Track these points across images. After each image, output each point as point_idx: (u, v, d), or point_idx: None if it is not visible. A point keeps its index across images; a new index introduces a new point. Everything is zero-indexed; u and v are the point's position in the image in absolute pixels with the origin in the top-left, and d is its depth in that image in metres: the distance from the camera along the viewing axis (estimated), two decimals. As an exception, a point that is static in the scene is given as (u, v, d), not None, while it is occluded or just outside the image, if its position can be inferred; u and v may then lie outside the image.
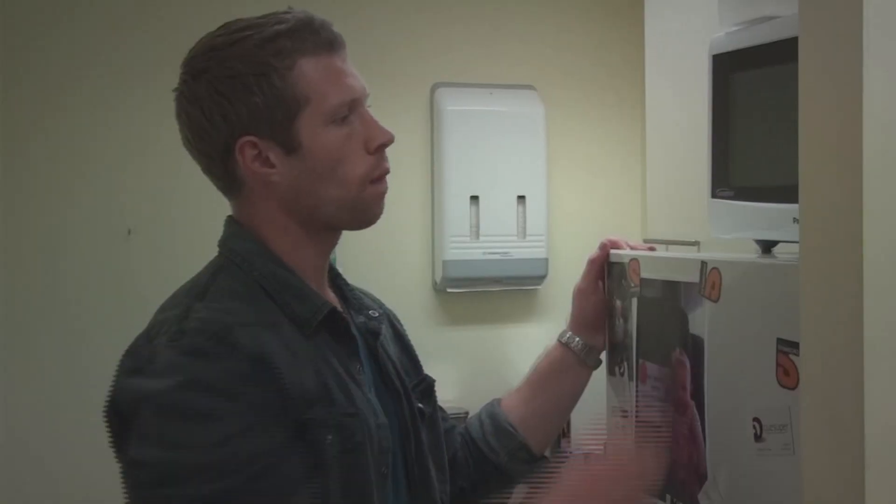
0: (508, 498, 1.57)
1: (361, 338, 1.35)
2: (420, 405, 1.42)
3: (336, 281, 1.42)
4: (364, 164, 1.27)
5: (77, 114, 2.60)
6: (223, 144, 1.25)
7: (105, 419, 1.25)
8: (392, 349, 1.43)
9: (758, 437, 1.32)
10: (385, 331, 1.43)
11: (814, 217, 0.99)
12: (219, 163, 1.27)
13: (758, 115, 1.53)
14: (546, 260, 2.93)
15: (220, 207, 1.35)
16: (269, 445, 1.13)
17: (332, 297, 1.36)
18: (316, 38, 1.24)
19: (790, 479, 1.24)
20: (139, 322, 1.25)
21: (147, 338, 1.22)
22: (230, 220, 1.34)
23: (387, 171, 1.30)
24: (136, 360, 1.21)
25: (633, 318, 1.66)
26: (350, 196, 1.27)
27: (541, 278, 2.95)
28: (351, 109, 1.26)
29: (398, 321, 1.54)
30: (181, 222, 2.62)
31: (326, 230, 1.32)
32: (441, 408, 1.55)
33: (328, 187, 1.26)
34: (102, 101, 2.61)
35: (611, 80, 3.05)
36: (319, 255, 1.33)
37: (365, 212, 1.30)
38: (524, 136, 2.90)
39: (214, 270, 1.29)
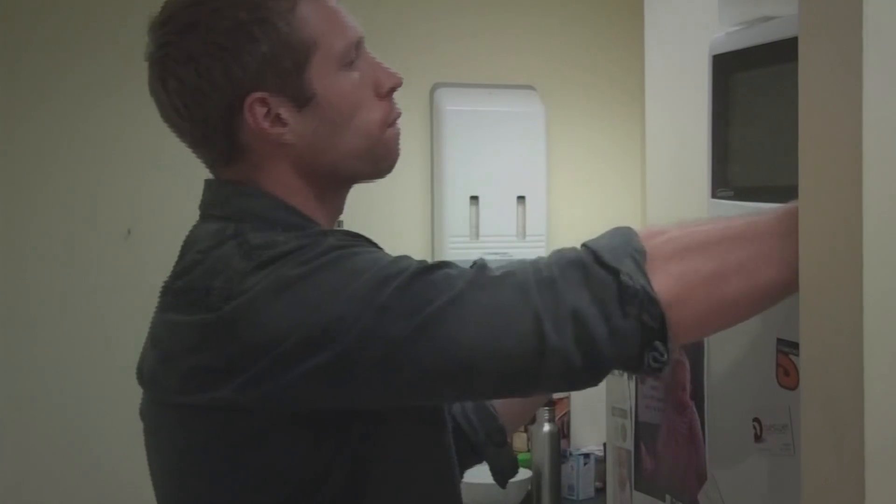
0: None
1: None
2: None
3: None
4: (379, 108, 1.18)
5: (76, 114, 2.60)
6: (225, 106, 1.13)
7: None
8: None
9: (758, 438, 1.32)
10: None
11: (813, 217, 0.99)
12: (218, 129, 1.15)
13: (758, 115, 1.53)
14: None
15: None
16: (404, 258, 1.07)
17: None
18: None
19: (790, 479, 1.24)
20: (139, 322, 1.24)
21: (205, 285, 1.09)
22: (220, 182, 1.22)
23: (398, 115, 1.21)
24: (216, 295, 1.07)
25: (632, 318, 1.65)
26: (370, 143, 1.18)
27: (541, 278, 2.95)
28: (357, 52, 1.17)
29: None
30: (181, 223, 2.61)
31: (342, 187, 1.23)
32: None
33: (348, 138, 1.16)
34: (102, 101, 2.61)
35: (610, 81, 3.05)
36: (332, 217, 1.24)
37: (386, 158, 1.21)
38: (524, 136, 2.91)
39: (233, 228, 1.14)
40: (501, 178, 2.85)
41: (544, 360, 1.00)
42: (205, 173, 1.52)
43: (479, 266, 1.05)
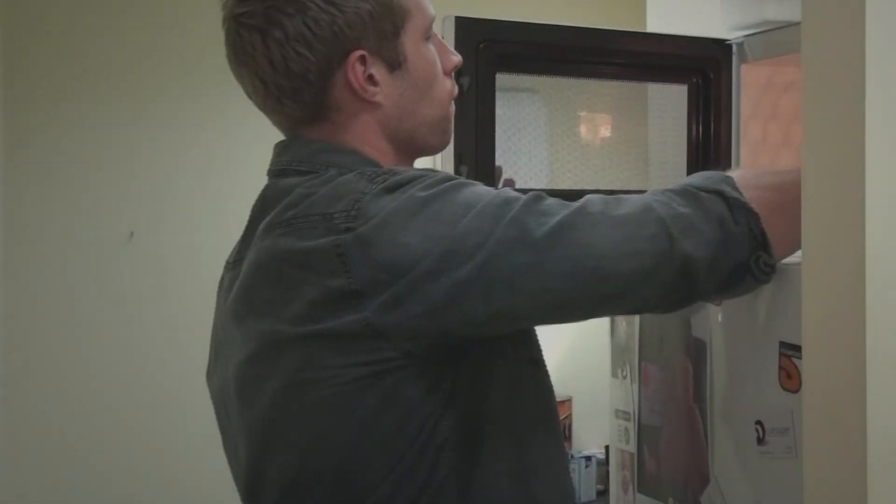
0: None
1: None
2: None
3: None
4: (447, 83, 1.25)
5: (80, 117, 2.60)
6: (326, 60, 1.15)
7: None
8: None
9: (760, 441, 1.32)
10: None
11: (816, 219, 0.99)
12: (313, 84, 1.16)
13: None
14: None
15: (221, 209, 1.35)
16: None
17: None
18: None
19: (792, 482, 1.24)
20: (140, 322, 1.25)
21: (326, 211, 1.10)
22: (303, 140, 1.21)
23: (458, 92, 1.29)
24: (341, 218, 1.08)
25: (635, 320, 1.66)
26: (443, 114, 1.25)
27: (542, 281, 2.95)
28: (432, 29, 1.24)
29: None
30: (183, 225, 2.63)
31: (413, 157, 1.28)
32: None
33: (427, 106, 1.23)
34: (105, 104, 2.61)
35: (612, 83, 3.05)
36: None
37: (448, 132, 1.28)
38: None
39: (328, 177, 1.15)
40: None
41: (672, 262, 1.08)
42: (204, 173, 1.53)
43: (590, 196, 1.12)
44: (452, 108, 1.28)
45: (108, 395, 2.61)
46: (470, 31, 1.42)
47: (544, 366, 1.26)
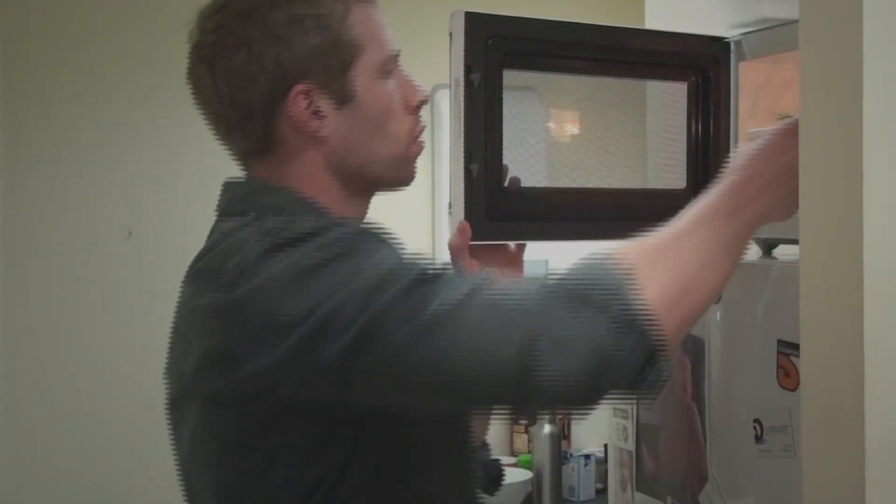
0: None
1: None
2: None
3: None
4: (407, 120, 1.23)
5: (78, 116, 2.60)
6: (269, 93, 1.15)
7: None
8: None
9: (758, 439, 1.32)
10: None
11: (814, 218, 0.99)
12: (258, 116, 1.16)
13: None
14: (546, 261, 2.93)
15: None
16: (413, 260, 1.08)
17: None
18: None
19: (791, 480, 1.24)
20: (139, 322, 1.25)
21: (220, 266, 1.09)
22: (238, 183, 1.23)
23: (422, 131, 1.27)
24: (214, 287, 1.08)
25: (633, 319, 1.65)
26: (398, 153, 1.23)
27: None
28: (393, 64, 1.23)
29: None
30: (182, 224, 2.62)
31: (367, 192, 1.26)
32: None
33: (377, 143, 1.21)
34: (104, 102, 2.61)
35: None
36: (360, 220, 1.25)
37: (407, 171, 1.26)
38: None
39: (250, 222, 1.14)
40: (502, 179, 2.85)
41: (535, 377, 0.98)
42: (203, 173, 1.52)
43: (479, 282, 1.05)
44: (417, 145, 1.26)
45: (107, 394, 2.61)
46: (479, 26, 1.40)
47: (462, 425, 1.20)
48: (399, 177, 1.26)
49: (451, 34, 1.36)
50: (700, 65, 1.55)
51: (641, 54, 1.55)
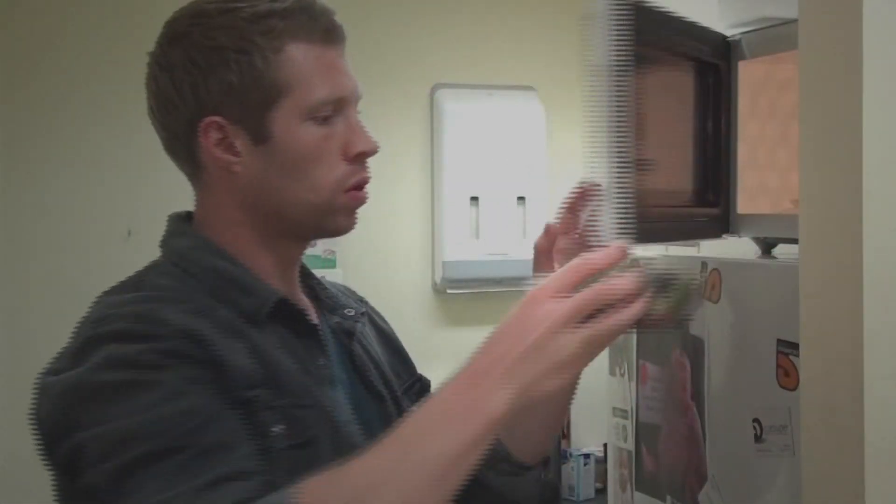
0: None
1: (335, 339, 1.26)
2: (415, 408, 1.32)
3: (308, 281, 1.30)
4: (339, 169, 1.15)
5: (77, 115, 2.60)
6: (187, 121, 1.15)
7: (33, 428, 1.17)
8: (377, 350, 1.33)
9: (758, 438, 1.32)
10: (367, 331, 1.33)
11: (814, 217, 0.99)
12: (182, 141, 1.18)
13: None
14: (546, 261, 2.94)
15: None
16: (205, 402, 1.02)
17: (302, 299, 1.26)
18: (313, 24, 1.13)
19: (790, 480, 1.24)
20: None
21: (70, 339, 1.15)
22: (172, 218, 1.26)
23: (365, 182, 1.18)
24: (56, 360, 1.14)
25: (633, 318, 1.65)
26: (319, 201, 1.16)
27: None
28: (336, 109, 1.15)
29: (383, 320, 1.43)
30: (181, 223, 2.63)
31: (287, 237, 1.21)
32: None
33: (296, 188, 1.15)
34: (103, 101, 2.61)
35: (611, 81, 3.05)
36: (280, 264, 1.21)
37: (333, 221, 1.18)
38: (524, 136, 2.91)
39: (145, 269, 1.22)
40: (501, 178, 2.85)
41: None
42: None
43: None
44: (351, 196, 1.17)
45: (106, 394, 2.61)
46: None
47: (315, 448, 1.11)
48: (320, 226, 1.19)
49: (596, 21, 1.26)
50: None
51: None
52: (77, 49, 2.61)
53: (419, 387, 1.38)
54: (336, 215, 1.18)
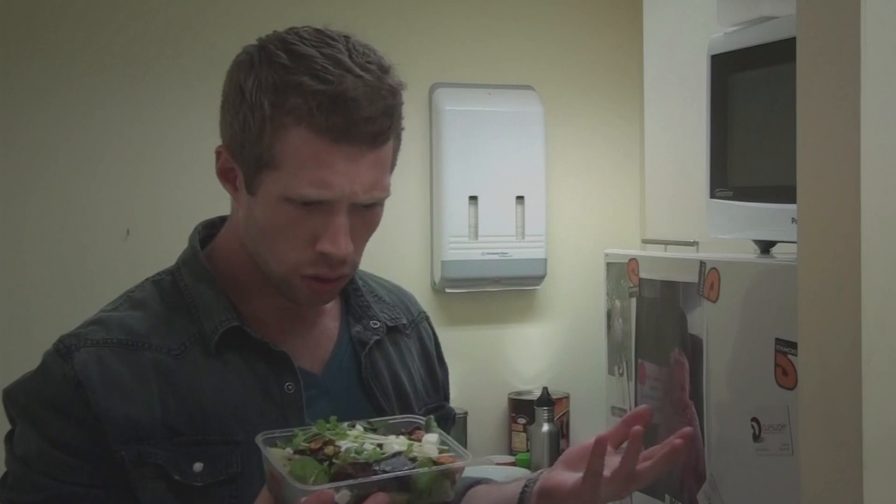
0: None
1: (352, 347, 1.26)
2: None
3: (347, 286, 1.28)
4: (300, 253, 1.13)
5: (75, 114, 2.60)
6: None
7: None
8: (404, 366, 1.31)
9: (756, 437, 1.32)
10: (405, 344, 1.32)
11: (811, 217, 0.99)
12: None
13: (756, 115, 1.53)
14: (545, 260, 2.94)
15: (218, 209, 1.34)
16: (58, 478, 1.11)
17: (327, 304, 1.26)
18: (333, 118, 1.08)
19: (789, 478, 1.24)
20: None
21: None
22: (197, 226, 1.29)
23: (323, 277, 1.14)
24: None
25: (631, 318, 1.66)
26: (279, 272, 1.15)
27: (540, 278, 2.95)
28: (322, 205, 1.11)
29: (431, 339, 1.40)
30: (180, 223, 2.61)
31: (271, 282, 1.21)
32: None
33: (263, 249, 1.16)
34: (101, 101, 2.61)
35: (609, 81, 3.05)
36: (269, 285, 1.20)
37: (292, 294, 1.17)
38: (523, 136, 2.90)
39: (157, 273, 1.26)
40: (500, 177, 2.85)
41: None
42: (201, 171, 1.51)
43: None
44: (314, 285, 1.15)
45: (105, 394, 2.60)
46: None
47: (239, 483, 1.13)
48: (282, 292, 1.18)
49: None
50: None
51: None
52: (78, 48, 2.60)
53: (441, 413, 1.36)
54: (294, 291, 1.17)
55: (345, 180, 1.10)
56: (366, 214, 1.14)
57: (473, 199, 2.84)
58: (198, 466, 1.12)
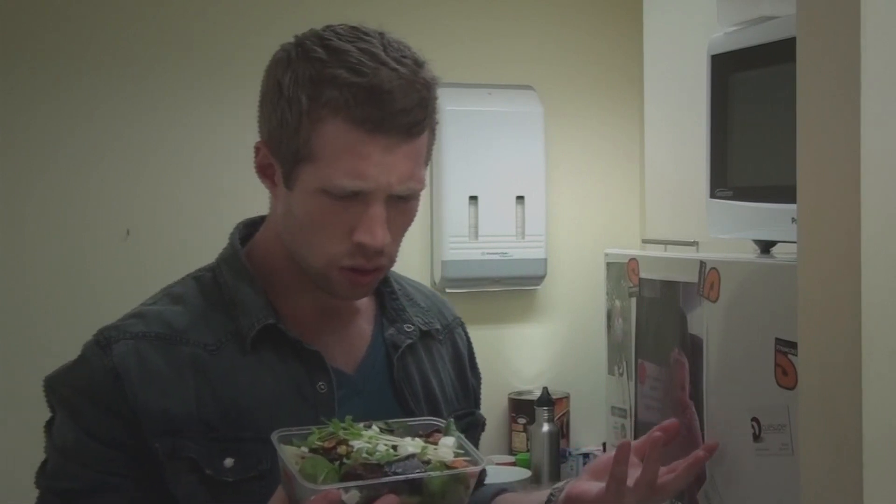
0: None
1: (385, 350, 1.27)
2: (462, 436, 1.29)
3: (383, 288, 1.31)
4: (337, 246, 1.14)
5: (75, 115, 2.60)
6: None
7: None
8: (435, 370, 1.32)
9: (756, 437, 1.32)
10: (438, 349, 1.33)
11: (811, 217, 0.99)
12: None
13: (756, 115, 1.53)
14: (545, 260, 2.94)
15: (218, 209, 1.35)
16: (94, 468, 1.14)
17: (362, 302, 1.28)
18: (369, 109, 1.09)
19: (789, 478, 1.24)
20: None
21: None
22: (238, 224, 1.29)
23: (360, 268, 1.15)
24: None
25: (631, 318, 1.66)
26: (316, 266, 1.16)
27: (539, 278, 2.95)
28: (359, 196, 1.12)
29: (466, 345, 1.41)
30: (179, 223, 2.62)
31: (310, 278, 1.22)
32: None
33: (300, 243, 1.17)
34: (101, 101, 2.61)
35: (609, 81, 3.05)
36: (306, 281, 1.22)
37: (329, 287, 1.18)
38: (523, 136, 2.91)
39: (199, 268, 1.27)
40: (500, 177, 2.85)
41: None
42: (201, 171, 1.52)
43: None
44: (351, 276, 1.16)
45: (105, 394, 2.60)
46: None
47: (268, 480, 1.13)
48: (320, 285, 1.19)
49: None
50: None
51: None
52: (78, 48, 2.60)
53: (470, 421, 1.37)
54: (332, 283, 1.18)
55: (380, 171, 1.11)
56: (402, 207, 1.16)
57: (473, 199, 2.85)
58: (229, 462, 1.13)
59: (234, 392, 1.16)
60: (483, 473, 1.44)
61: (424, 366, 1.31)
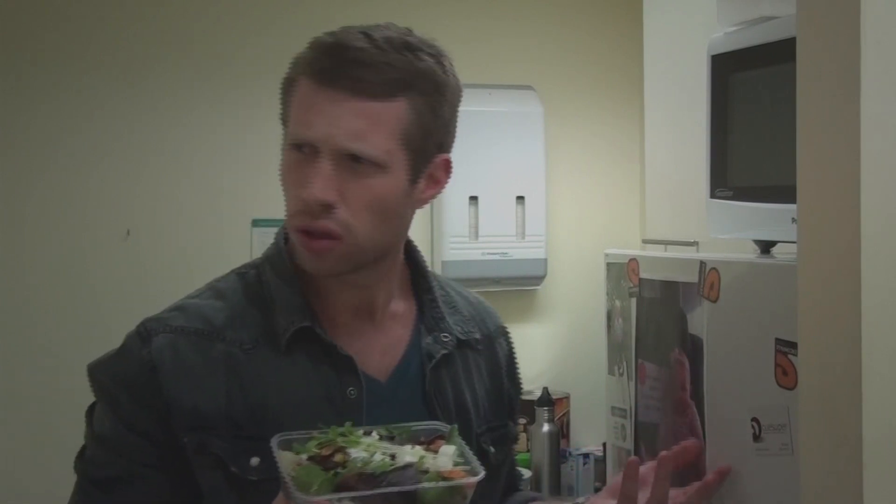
0: None
1: (420, 358, 1.26)
2: (492, 448, 1.31)
3: (422, 295, 1.31)
4: (292, 203, 1.15)
5: (76, 115, 2.60)
6: None
7: None
8: (470, 382, 1.31)
9: (756, 437, 1.32)
10: (474, 360, 1.32)
11: (811, 217, 0.99)
12: None
13: (756, 115, 1.53)
14: (545, 260, 2.94)
15: (218, 209, 1.34)
16: (128, 457, 1.16)
17: (399, 308, 1.28)
18: (324, 60, 1.13)
19: (789, 478, 1.24)
20: (137, 321, 1.24)
21: None
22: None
23: (308, 228, 1.13)
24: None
25: (631, 318, 1.66)
26: (289, 223, 1.17)
27: (540, 278, 2.95)
28: (312, 151, 1.13)
29: (508, 357, 1.42)
30: (179, 223, 2.62)
31: None
32: (516, 467, 1.46)
33: (286, 199, 1.18)
34: (101, 101, 2.61)
35: (609, 81, 3.05)
36: (338, 282, 1.22)
37: (300, 259, 1.18)
38: (523, 136, 2.91)
39: (244, 265, 1.27)
40: (501, 178, 2.85)
41: None
42: (202, 172, 1.51)
43: None
44: (303, 239, 1.15)
45: (105, 394, 2.60)
46: None
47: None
48: (300, 256, 1.18)
49: None
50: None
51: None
52: (78, 47, 2.60)
53: (502, 433, 1.36)
54: (297, 251, 1.18)
55: (325, 121, 1.11)
56: (359, 172, 1.13)
57: (473, 199, 2.85)
58: (254, 461, 1.14)
59: (264, 392, 1.16)
60: (518, 479, 1.45)
61: (459, 377, 1.29)
